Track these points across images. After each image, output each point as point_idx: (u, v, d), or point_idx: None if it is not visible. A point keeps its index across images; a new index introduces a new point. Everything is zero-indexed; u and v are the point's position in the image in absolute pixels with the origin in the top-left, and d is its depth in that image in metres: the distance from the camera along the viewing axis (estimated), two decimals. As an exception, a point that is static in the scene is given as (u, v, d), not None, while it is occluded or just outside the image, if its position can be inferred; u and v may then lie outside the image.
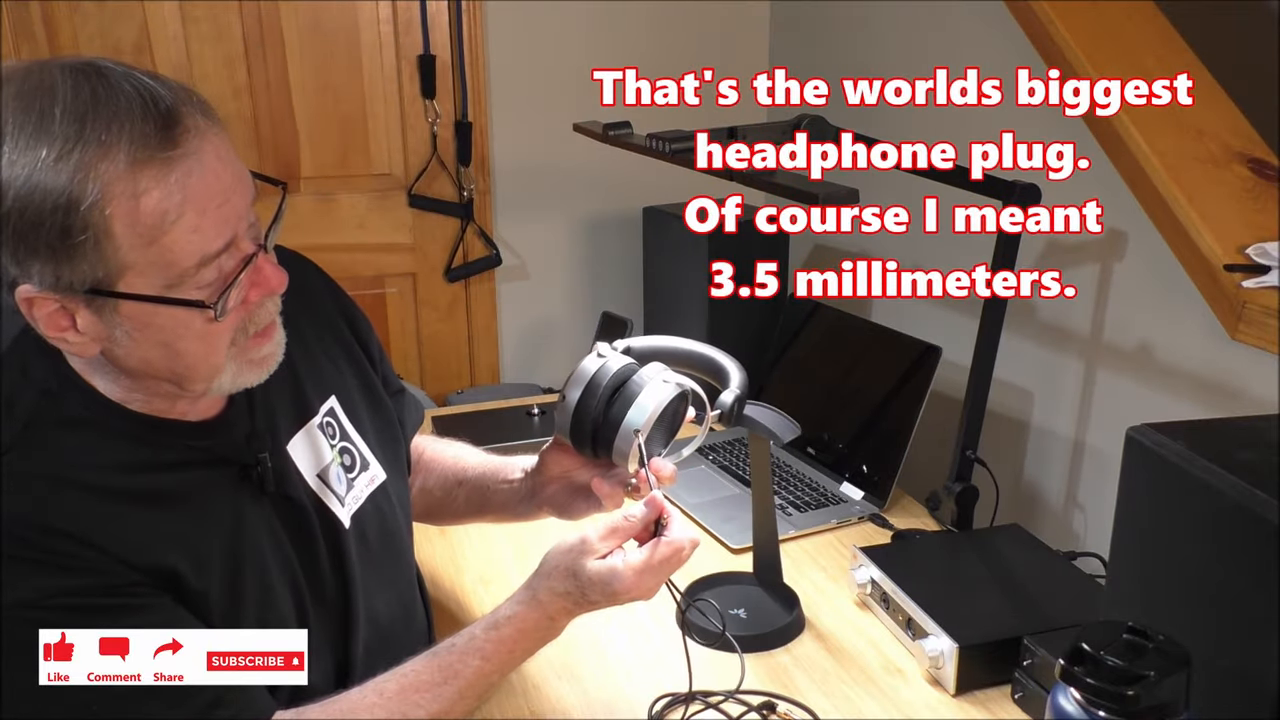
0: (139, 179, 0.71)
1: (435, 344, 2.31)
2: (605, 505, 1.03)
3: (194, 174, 0.74)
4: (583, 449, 0.99)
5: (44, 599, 0.76)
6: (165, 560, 0.81)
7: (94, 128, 0.70)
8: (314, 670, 0.92)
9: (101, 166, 0.70)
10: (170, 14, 1.95)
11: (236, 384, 0.85)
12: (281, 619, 0.90)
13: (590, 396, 0.96)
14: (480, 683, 0.92)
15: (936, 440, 1.53)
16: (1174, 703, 0.73)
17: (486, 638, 0.93)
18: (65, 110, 0.71)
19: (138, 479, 0.82)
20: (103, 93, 0.72)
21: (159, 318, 0.77)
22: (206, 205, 0.75)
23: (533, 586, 0.94)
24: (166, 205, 0.73)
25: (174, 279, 0.75)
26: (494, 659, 0.93)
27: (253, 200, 0.81)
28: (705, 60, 2.09)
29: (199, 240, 0.75)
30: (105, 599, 0.78)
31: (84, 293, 0.74)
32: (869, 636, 1.23)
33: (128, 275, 0.74)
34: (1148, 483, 0.84)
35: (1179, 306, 1.31)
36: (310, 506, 0.94)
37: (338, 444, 1.00)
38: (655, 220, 2.10)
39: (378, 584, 1.01)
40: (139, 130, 0.71)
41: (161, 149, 0.72)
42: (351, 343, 1.07)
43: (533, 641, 0.94)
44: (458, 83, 2.13)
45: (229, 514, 0.87)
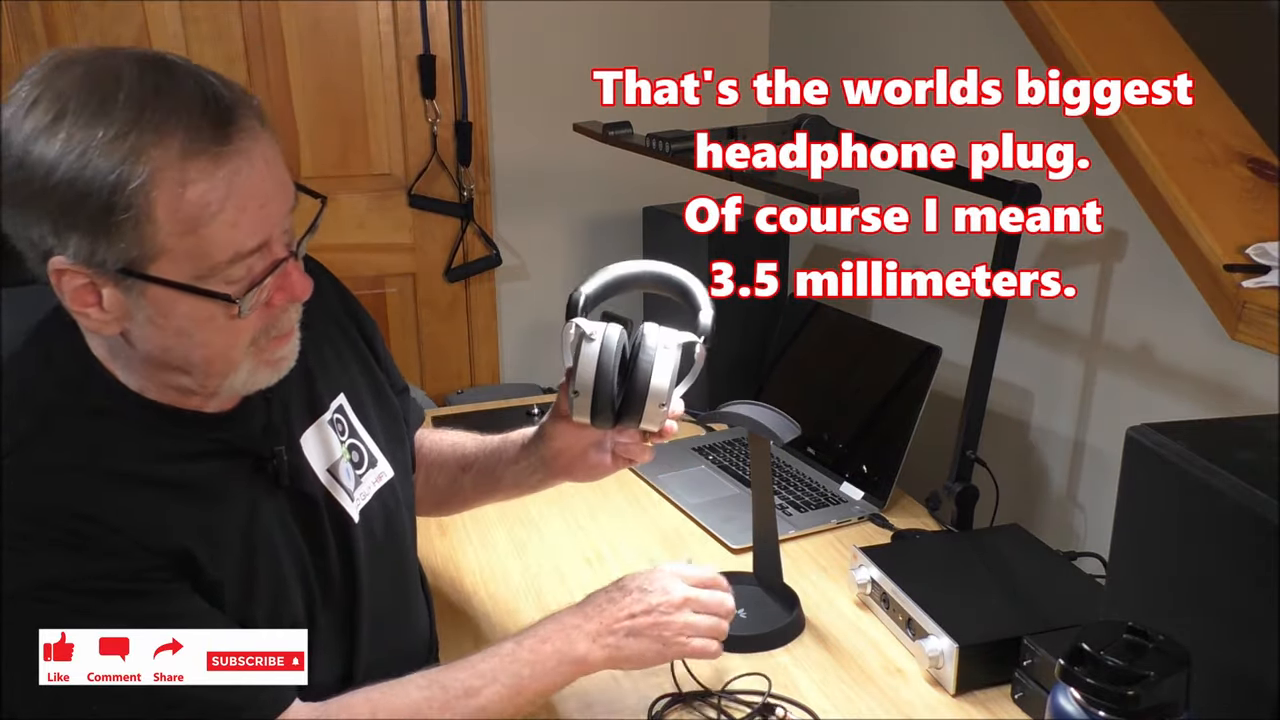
0: (188, 169, 0.73)
1: (435, 344, 2.31)
2: (636, 461, 1.10)
3: (241, 172, 0.76)
4: (603, 426, 1.02)
5: (65, 581, 0.77)
6: (184, 546, 0.82)
7: (152, 115, 0.73)
8: (320, 664, 0.93)
9: (154, 152, 0.72)
10: (170, 14, 1.95)
11: (249, 384, 0.86)
12: (292, 611, 0.91)
13: (604, 383, 0.98)
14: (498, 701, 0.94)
15: (936, 440, 1.53)
16: (1174, 703, 0.73)
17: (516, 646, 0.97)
18: (128, 96, 0.73)
19: (158, 467, 0.83)
20: (165, 84, 0.74)
21: (182, 306, 0.78)
22: (247, 204, 0.77)
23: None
24: (210, 198, 0.74)
25: (204, 271, 0.77)
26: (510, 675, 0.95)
27: (291, 208, 0.83)
28: (705, 60, 2.09)
29: (235, 236, 0.77)
30: (126, 583, 0.79)
31: (115, 271, 0.75)
32: (869, 636, 1.23)
33: (161, 260, 0.76)
34: (1148, 483, 0.84)
35: (1179, 306, 1.31)
36: (321, 501, 0.96)
37: (347, 440, 1.01)
38: (655, 220, 2.10)
39: (383, 580, 1.02)
40: (195, 123, 0.74)
41: (214, 143, 0.74)
42: (359, 343, 1.08)
43: (559, 642, 0.98)
44: (458, 83, 2.13)
45: (244, 505, 0.88)
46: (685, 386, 1.02)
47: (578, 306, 1.03)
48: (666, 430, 1.04)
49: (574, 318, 1.02)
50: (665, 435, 1.05)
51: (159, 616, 0.81)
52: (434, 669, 0.95)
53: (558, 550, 1.44)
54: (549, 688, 0.97)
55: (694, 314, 1.04)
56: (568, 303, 1.04)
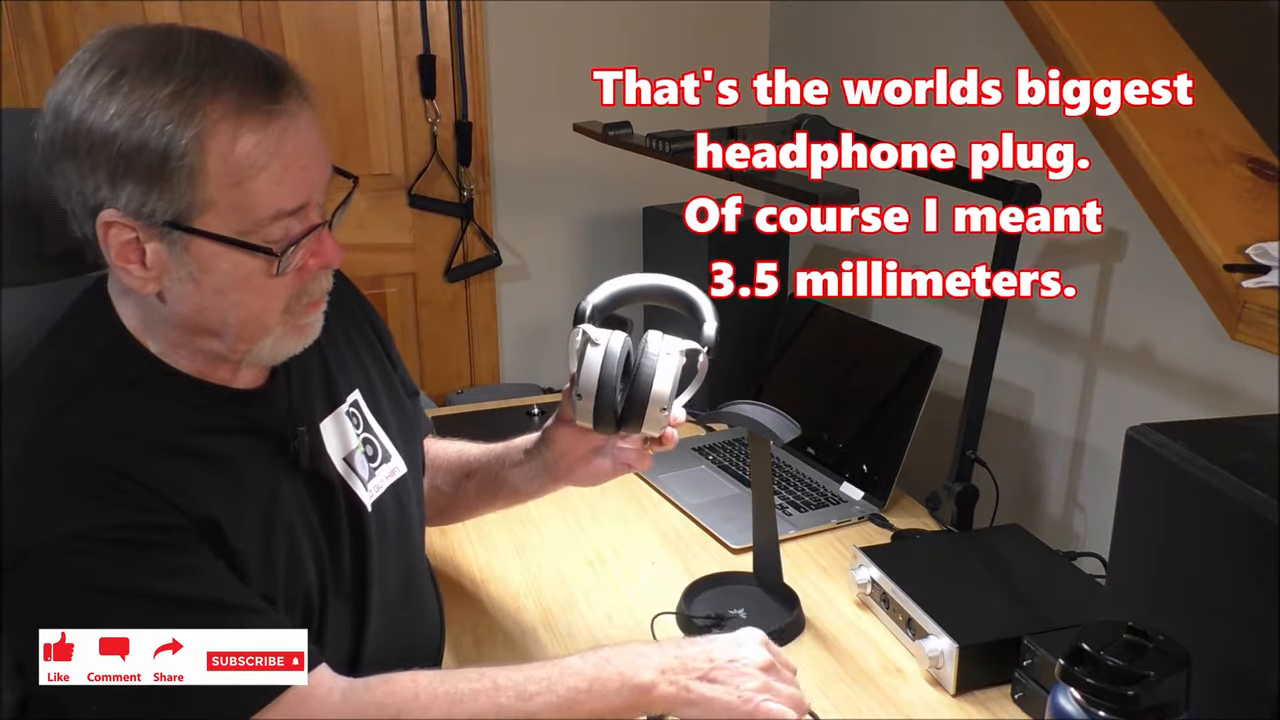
0: (240, 123, 0.78)
1: (435, 344, 2.31)
2: (636, 468, 1.11)
3: (289, 131, 0.80)
4: (606, 431, 1.03)
5: (97, 530, 0.78)
6: (210, 513, 0.83)
7: (210, 73, 0.77)
8: (327, 649, 0.93)
9: (209, 106, 0.77)
10: (170, 14, 1.95)
11: (277, 351, 0.89)
12: (306, 592, 0.92)
13: (607, 388, 1.00)
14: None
15: (936, 440, 1.52)
16: (1174, 703, 0.73)
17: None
18: (186, 59, 0.78)
19: (188, 438, 0.85)
20: (222, 50, 0.80)
21: (224, 262, 0.81)
22: (292, 163, 0.81)
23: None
24: (258, 152, 0.79)
25: (247, 227, 0.80)
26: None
27: (329, 179, 0.87)
28: (705, 60, 2.09)
29: (278, 193, 0.81)
30: (157, 535, 0.80)
31: (163, 224, 0.79)
32: (869, 636, 1.23)
33: (207, 214, 0.79)
34: (1148, 483, 0.84)
35: (1179, 306, 1.31)
36: (338, 486, 0.97)
37: (361, 433, 1.02)
38: (655, 220, 2.10)
39: (393, 571, 1.03)
40: (248, 82, 0.78)
41: (266, 102, 0.79)
42: (375, 342, 1.11)
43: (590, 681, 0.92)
44: (458, 83, 2.13)
45: (265, 484, 0.90)
46: (688, 395, 1.03)
47: (584, 318, 1.05)
48: (668, 437, 1.04)
49: (580, 324, 1.03)
50: (666, 442, 1.05)
51: (190, 569, 0.82)
52: (490, 666, 0.92)
53: (558, 550, 1.44)
54: (604, 709, 0.92)
55: (698, 326, 1.05)
56: (575, 314, 1.05)
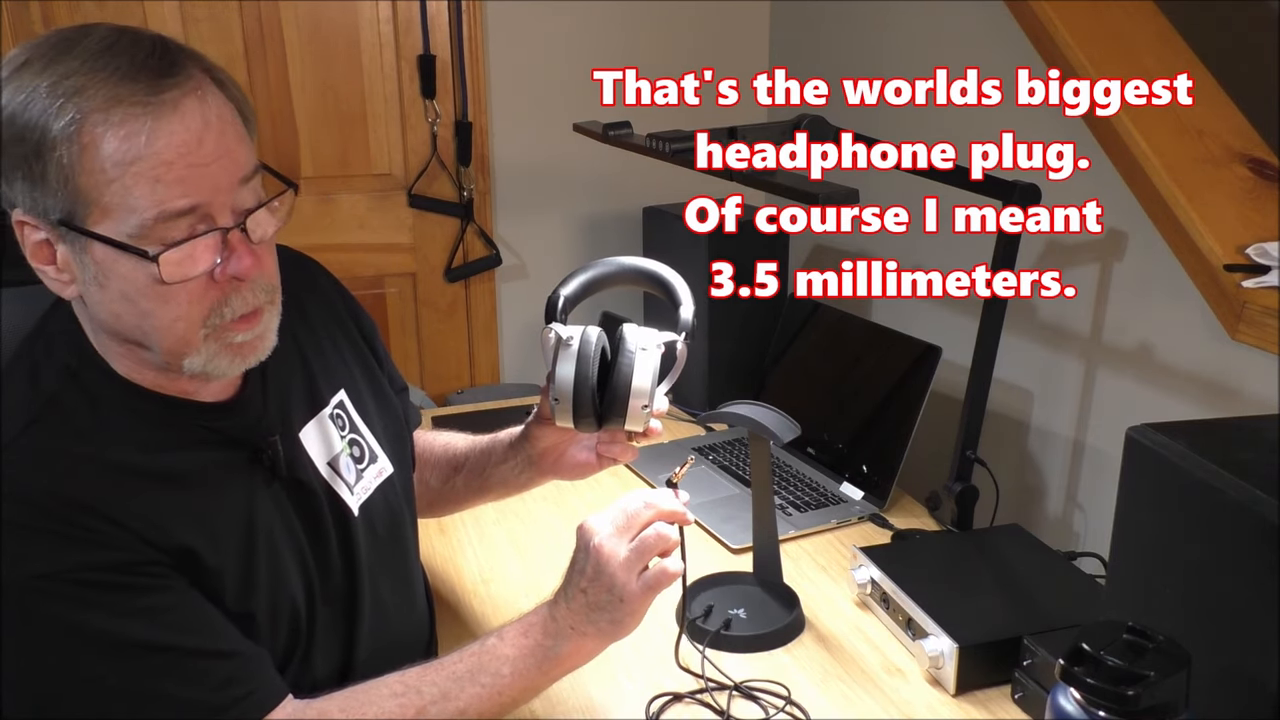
0: (112, 114, 0.73)
1: (435, 344, 2.31)
2: (620, 460, 1.10)
3: (169, 123, 0.75)
4: (587, 430, 1.01)
5: (61, 572, 0.76)
6: (183, 540, 0.82)
7: (96, 63, 0.74)
8: (318, 657, 0.93)
9: (84, 95, 0.73)
10: (170, 14, 1.95)
11: (210, 368, 0.84)
12: (292, 603, 0.91)
13: (584, 389, 0.98)
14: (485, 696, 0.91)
15: (936, 440, 1.53)
16: (1174, 703, 0.73)
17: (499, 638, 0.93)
18: (84, 49, 0.75)
19: (155, 457, 0.83)
20: (123, 41, 0.76)
21: (120, 266, 0.78)
22: (174, 160, 0.75)
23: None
24: (130, 144, 0.74)
25: (135, 229, 0.76)
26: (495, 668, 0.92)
27: (243, 179, 0.80)
28: (705, 60, 2.09)
29: (158, 191, 0.75)
30: (122, 576, 0.79)
31: (57, 223, 0.76)
32: (869, 636, 1.23)
33: (94, 213, 0.76)
34: (1148, 483, 0.84)
35: (1179, 306, 1.31)
36: (321, 492, 0.96)
37: (347, 435, 1.01)
38: (655, 220, 2.10)
39: (384, 574, 1.02)
40: (130, 72, 0.74)
41: (145, 93, 0.74)
42: (359, 341, 1.09)
43: (539, 633, 0.93)
44: (458, 83, 2.13)
45: (242, 496, 0.88)
46: (668, 385, 1.01)
47: (556, 309, 1.02)
48: (651, 430, 1.03)
49: (552, 321, 1.01)
50: (651, 435, 1.04)
51: (154, 610, 0.80)
52: (412, 670, 0.91)
53: (558, 550, 1.44)
54: (535, 685, 0.93)
55: (675, 308, 1.03)
56: (546, 305, 1.03)
